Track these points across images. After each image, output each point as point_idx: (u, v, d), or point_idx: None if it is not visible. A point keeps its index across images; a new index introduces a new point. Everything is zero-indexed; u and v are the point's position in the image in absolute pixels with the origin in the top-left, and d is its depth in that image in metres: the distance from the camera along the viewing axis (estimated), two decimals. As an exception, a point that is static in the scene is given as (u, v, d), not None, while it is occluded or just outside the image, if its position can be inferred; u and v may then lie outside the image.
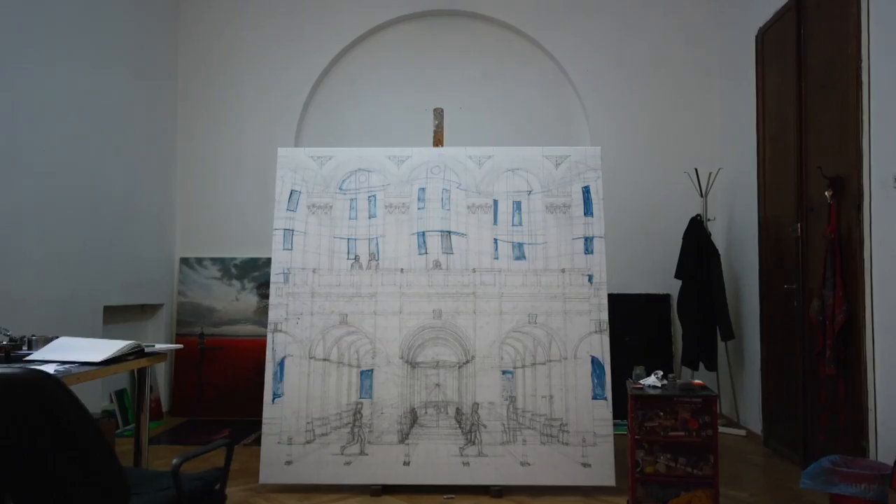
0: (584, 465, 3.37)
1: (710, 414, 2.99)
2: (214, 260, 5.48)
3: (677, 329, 5.11)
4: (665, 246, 5.15)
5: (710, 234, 4.88)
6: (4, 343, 2.60)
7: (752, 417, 4.58)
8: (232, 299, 5.42)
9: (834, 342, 3.33)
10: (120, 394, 4.83)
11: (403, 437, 3.44)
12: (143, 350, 2.65)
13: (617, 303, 5.01)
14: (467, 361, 3.53)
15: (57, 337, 2.69)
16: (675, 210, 5.20)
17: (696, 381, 3.22)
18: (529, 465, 3.38)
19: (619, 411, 3.84)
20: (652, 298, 5.28)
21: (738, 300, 4.88)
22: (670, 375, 3.16)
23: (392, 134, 5.37)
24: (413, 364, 3.53)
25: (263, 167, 5.35)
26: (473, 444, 3.42)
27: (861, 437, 3.20)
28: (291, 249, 3.67)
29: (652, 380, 3.15)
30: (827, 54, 3.62)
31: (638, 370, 3.23)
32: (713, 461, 2.96)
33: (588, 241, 3.62)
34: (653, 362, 5.14)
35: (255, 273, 5.43)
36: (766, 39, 4.41)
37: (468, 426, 3.45)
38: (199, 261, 5.49)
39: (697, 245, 4.81)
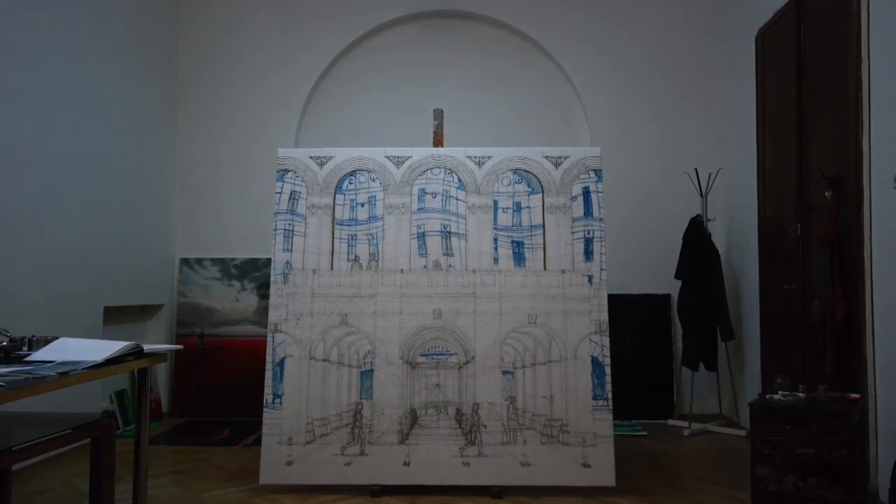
0: (585, 465, 3.36)
1: (846, 432, 2.63)
2: (214, 260, 5.48)
3: (677, 329, 5.11)
4: (665, 246, 5.15)
5: (710, 235, 4.88)
6: (4, 344, 2.59)
7: (753, 417, 4.58)
8: (232, 300, 5.42)
9: (834, 342, 3.33)
10: (120, 394, 4.83)
11: (403, 438, 3.44)
12: (142, 351, 2.65)
13: (617, 303, 5.01)
14: (467, 362, 3.52)
15: (57, 338, 2.69)
16: (675, 210, 5.20)
17: (853, 395, 2.88)
18: (530, 465, 3.38)
19: (618, 412, 3.84)
20: (652, 299, 5.28)
21: (738, 300, 4.88)
22: (821, 387, 2.85)
23: (392, 134, 5.37)
24: (413, 364, 3.53)
25: (263, 167, 5.35)
26: (474, 444, 3.42)
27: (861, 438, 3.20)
28: (291, 250, 3.67)
29: (791, 392, 2.85)
30: (827, 54, 3.62)
31: (781, 381, 2.91)
32: (850, 486, 2.59)
33: (588, 241, 3.62)
34: (653, 363, 5.16)
35: (255, 273, 5.43)
36: (766, 39, 4.40)
37: (468, 426, 3.45)
38: (199, 261, 5.49)
39: (697, 245, 4.81)
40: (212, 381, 5.28)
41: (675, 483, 3.56)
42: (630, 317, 5.17)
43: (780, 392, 2.89)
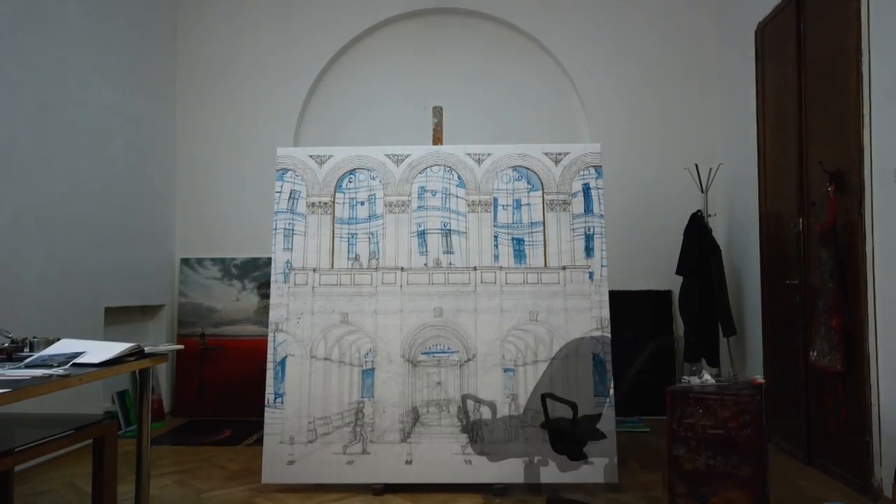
0: (587, 462, 3.36)
1: (750, 413, 2.85)
2: (215, 260, 5.48)
3: (679, 325, 5.11)
4: (666, 242, 5.14)
5: (710, 230, 4.87)
6: (6, 345, 2.59)
7: (755, 413, 4.57)
8: (232, 299, 5.41)
9: (841, 338, 3.31)
10: (122, 395, 4.84)
11: (405, 436, 3.44)
12: (143, 351, 2.65)
13: (618, 300, 5.00)
14: (469, 359, 3.52)
15: (58, 339, 2.69)
16: (675, 206, 5.19)
17: (756, 379, 3.08)
18: (532, 462, 3.38)
19: (620, 408, 3.84)
20: (653, 295, 5.28)
21: (740, 296, 4.88)
22: (731, 372, 3.05)
23: (391, 132, 5.36)
24: (414, 363, 3.53)
25: (263, 167, 5.35)
26: (476, 442, 3.42)
27: (864, 432, 3.19)
28: (291, 249, 3.67)
29: (704, 377, 3.07)
30: (827, 48, 3.61)
31: (695, 366, 3.12)
32: (754, 462, 2.82)
33: (588, 238, 3.61)
34: (654, 359, 5.15)
35: (256, 273, 5.43)
36: (766, 34, 4.39)
37: (470, 424, 3.45)
38: (200, 261, 5.49)
39: (698, 241, 4.80)
40: (213, 380, 5.28)
41: (678, 479, 3.55)
42: (631, 313, 5.16)
43: (694, 377, 3.12)
